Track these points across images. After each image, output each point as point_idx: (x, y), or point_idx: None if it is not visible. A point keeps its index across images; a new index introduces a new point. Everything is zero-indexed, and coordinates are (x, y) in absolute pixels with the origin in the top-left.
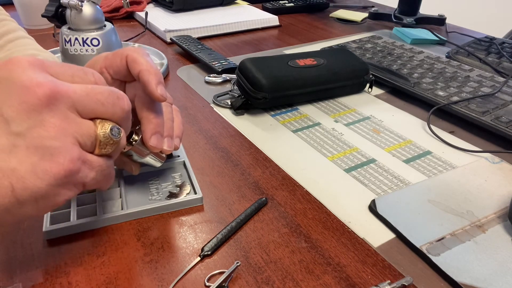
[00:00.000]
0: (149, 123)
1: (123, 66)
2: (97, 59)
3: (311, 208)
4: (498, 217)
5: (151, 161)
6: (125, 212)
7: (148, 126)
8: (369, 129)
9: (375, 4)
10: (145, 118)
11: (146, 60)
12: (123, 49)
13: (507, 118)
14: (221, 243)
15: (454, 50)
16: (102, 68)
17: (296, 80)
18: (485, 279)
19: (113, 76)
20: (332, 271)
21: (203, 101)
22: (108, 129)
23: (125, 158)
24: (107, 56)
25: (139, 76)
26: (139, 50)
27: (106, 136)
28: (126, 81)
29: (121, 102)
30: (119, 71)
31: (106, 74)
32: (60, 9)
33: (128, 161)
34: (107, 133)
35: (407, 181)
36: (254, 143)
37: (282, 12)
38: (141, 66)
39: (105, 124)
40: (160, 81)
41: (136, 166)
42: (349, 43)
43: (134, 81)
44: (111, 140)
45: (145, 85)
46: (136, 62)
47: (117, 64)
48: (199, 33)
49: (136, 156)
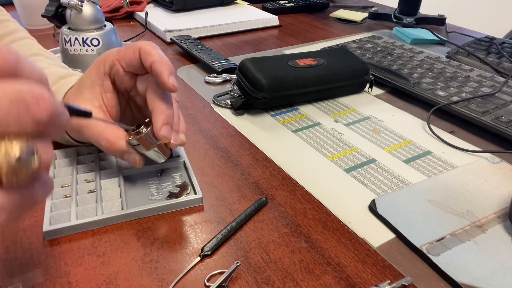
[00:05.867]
0: (161, 113)
1: (136, 58)
2: (110, 52)
3: (311, 208)
4: (498, 217)
5: (155, 156)
6: (125, 212)
7: (159, 117)
8: (369, 129)
9: (375, 4)
10: (156, 109)
11: (158, 53)
12: (136, 43)
13: (507, 118)
14: (221, 243)
15: (454, 50)
16: (115, 61)
17: (296, 80)
18: (485, 279)
19: (125, 68)
20: (332, 271)
21: (203, 101)
22: (14, 154)
23: (130, 148)
24: (120, 49)
25: (152, 67)
26: (151, 43)
27: (12, 164)
28: (138, 74)
29: (35, 108)
30: (132, 63)
31: (118, 67)
32: (60, 9)
33: (133, 152)
34: (13, 160)
35: (407, 181)
36: (254, 143)
37: (282, 12)
38: (153, 58)
39: (11, 147)
40: (171, 72)
41: (141, 158)
42: (349, 43)
43: (145, 74)
44: (20, 167)
45: (158, 75)
46: (149, 54)
47: (130, 56)
48: (199, 33)
49: (142, 148)
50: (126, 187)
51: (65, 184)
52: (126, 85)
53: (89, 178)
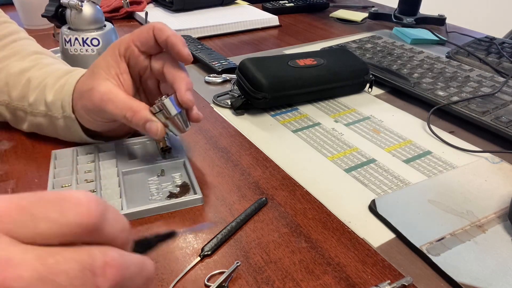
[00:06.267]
0: (182, 80)
1: (150, 36)
2: (124, 37)
3: (311, 208)
4: (498, 217)
5: (175, 127)
6: (125, 212)
7: (181, 84)
8: (369, 129)
9: (375, 4)
10: (177, 78)
11: (170, 29)
12: (149, 23)
13: (507, 118)
14: (221, 243)
15: (454, 50)
16: (130, 42)
17: (296, 80)
18: (485, 279)
19: (140, 48)
20: (332, 271)
21: (203, 101)
22: None
23: (153, 117)
24: (133, 32)
25: (167, 41)
26: (163, 23)
27: None
28: (152, 54)
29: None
30: (147, 42)
31: (133, 47)
32: (60, 9)
33: (155, 120)
34: None
35: (407, 181)
36: (254, 143)
37: (282, 12)
38: (167, 33)
39: None
40: (184, 43)
41: (162, 128)
42: (349, 43)
43: (159, 53)
44: None
45: (173, 46)
46: (162, 31)
47: (145, 35)
48: (199, 33)
49: (163, 117)
50: (126, 187)
51: (65, 184)
52: (141, 66)
53: (89, 178)
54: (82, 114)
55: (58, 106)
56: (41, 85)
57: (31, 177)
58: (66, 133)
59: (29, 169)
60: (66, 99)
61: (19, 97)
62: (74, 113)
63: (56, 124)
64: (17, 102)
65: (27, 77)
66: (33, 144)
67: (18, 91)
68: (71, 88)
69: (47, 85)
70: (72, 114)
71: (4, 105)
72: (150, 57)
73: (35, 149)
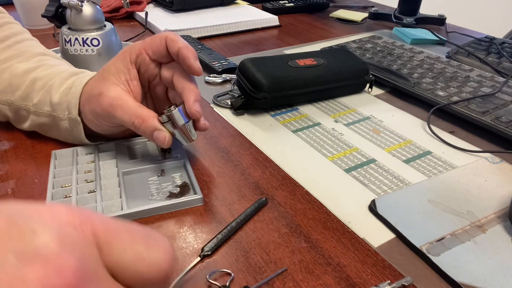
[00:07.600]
0: (191, 92)
1: (163, 46)
2: (135, 43)
3: (311, 208)
4: (498, 217)
5: (181, 137)
6: (125, 212)
7: (190, 94)
8: (369, 129)
9: (375, 4)
10: (186, 89)
11: (183, 40)
12: (161, 33)
13: (507, 118)
14: (221, 243)
15: (454, 50)
16: (141, 49)
17: (296, 80)
18: (485, 279)
19: (151, 56)
20: (332, 271)
21: (203, 101)
22: None
23: (161, 126)
24: (145, 40)
25: (179, 52)
26: (175, 33)
27: None
28: (162, 63)
29: None
30: (158, 51)
31: (144, 55)
32: (60, 9)
33: (163, 129)
34: None
35: (407, 181)
36: (254, 143)
37: (282, 12)
38: (179, 44)
39: None
40: (196, 57)
41: (170, 137)
42: (349, 43)
43: (169, 62)
44: None
45: (184, 59)
46: (174, 42)
47: (157, 44)
48: (199, 33)
49: (171, 127)
50: (126, 187)
51: (65, 184)
52: (151, 73)
53: (89, 178)
54: (90, 117)
55: (64, 107)
56: (47, 85)
57: (31, 177)
58: (68, 134)
59: (29, 169)
60: (72, 102)
61: (23, 97)
62: (80, 116)
63: (59, 125)
64: (21, 102)
65: (32, 78)
66: (33, 144)
67: (22, 91)
68: (78, 90)
69: (53, 86)
70: (78, 117)
71: (7, 105)
72: (160, 65)
73: (35, 149)
